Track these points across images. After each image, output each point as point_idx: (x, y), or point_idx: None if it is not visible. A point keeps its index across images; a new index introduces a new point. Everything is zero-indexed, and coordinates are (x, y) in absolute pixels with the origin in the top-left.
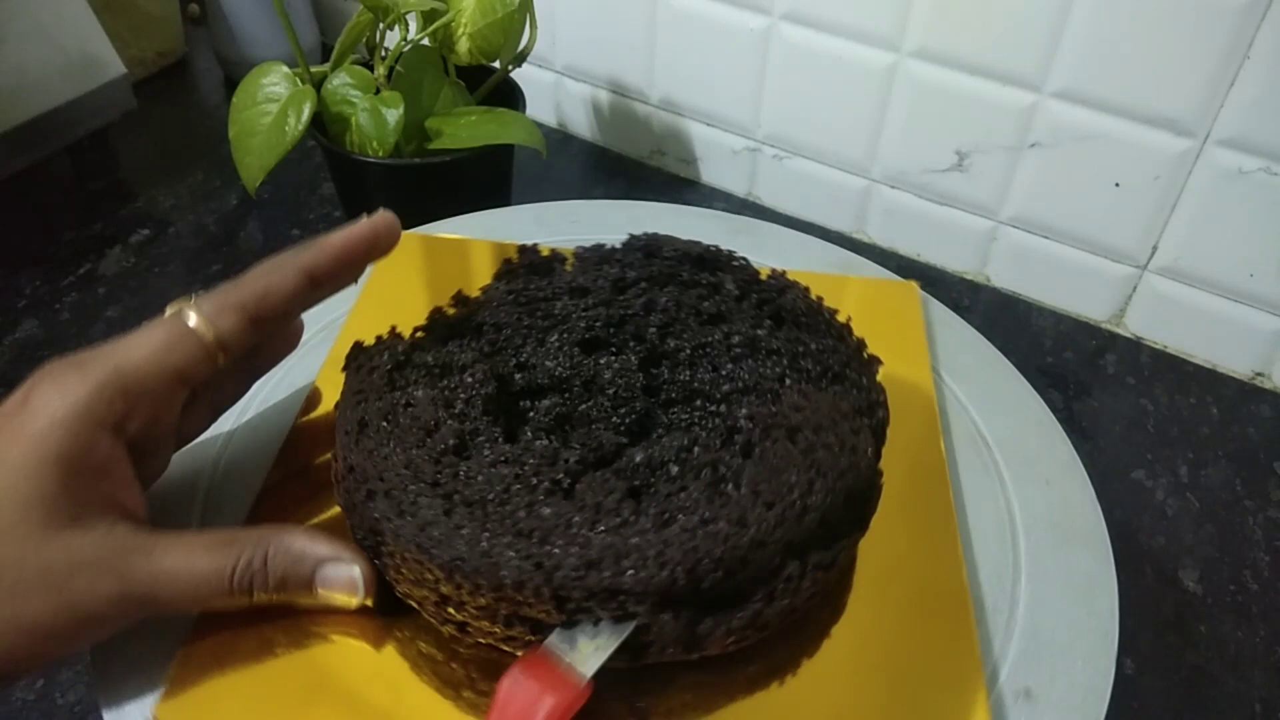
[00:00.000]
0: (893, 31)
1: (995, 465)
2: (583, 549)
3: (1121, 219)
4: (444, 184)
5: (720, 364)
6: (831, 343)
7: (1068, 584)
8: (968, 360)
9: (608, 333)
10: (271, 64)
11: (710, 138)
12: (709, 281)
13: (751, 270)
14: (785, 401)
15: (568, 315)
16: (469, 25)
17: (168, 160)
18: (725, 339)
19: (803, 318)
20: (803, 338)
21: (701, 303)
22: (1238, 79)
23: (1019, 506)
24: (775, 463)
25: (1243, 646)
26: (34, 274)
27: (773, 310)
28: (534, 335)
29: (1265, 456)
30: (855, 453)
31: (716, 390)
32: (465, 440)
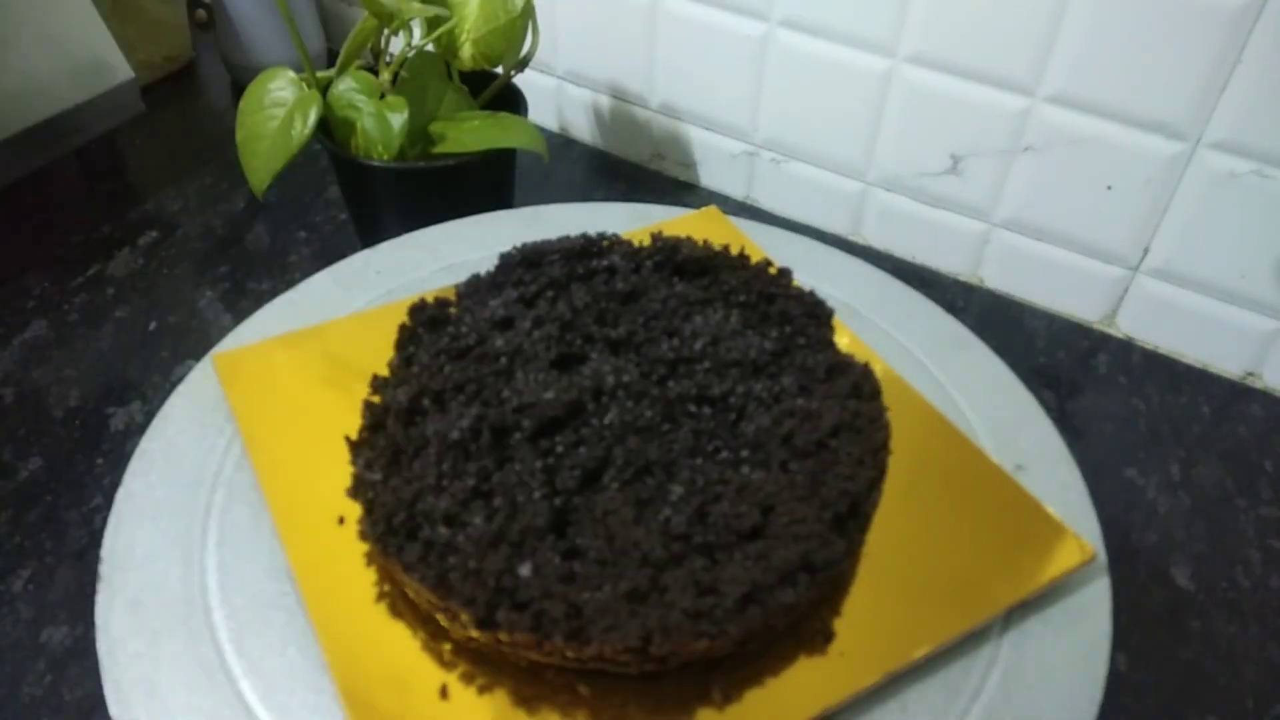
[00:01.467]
0: (888, 37)
1: (866, 317)
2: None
3: (1114, 221)
4: (448, 187)
5: (679, 328)
6: (745, 273)
7: (981, 380)
8: (793, 250)
9: (569, 344)
10: (278, 69)
11: (709, 142)
12: (604, 266)
13: (629, 243)
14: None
15: (515, 347)
16: (472, 31)
17: (175, 163)
18: (664, 305)
19: (707, 262)
20: (720, 278)
21: (614, 287)
22: (1230, 83)
23: (908, 341)
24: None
25: (1234, 643)
26: (43, 275)
27: (673, 268)
28: (501, 379)
29: (1256, 455)
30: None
31: (691, 351)
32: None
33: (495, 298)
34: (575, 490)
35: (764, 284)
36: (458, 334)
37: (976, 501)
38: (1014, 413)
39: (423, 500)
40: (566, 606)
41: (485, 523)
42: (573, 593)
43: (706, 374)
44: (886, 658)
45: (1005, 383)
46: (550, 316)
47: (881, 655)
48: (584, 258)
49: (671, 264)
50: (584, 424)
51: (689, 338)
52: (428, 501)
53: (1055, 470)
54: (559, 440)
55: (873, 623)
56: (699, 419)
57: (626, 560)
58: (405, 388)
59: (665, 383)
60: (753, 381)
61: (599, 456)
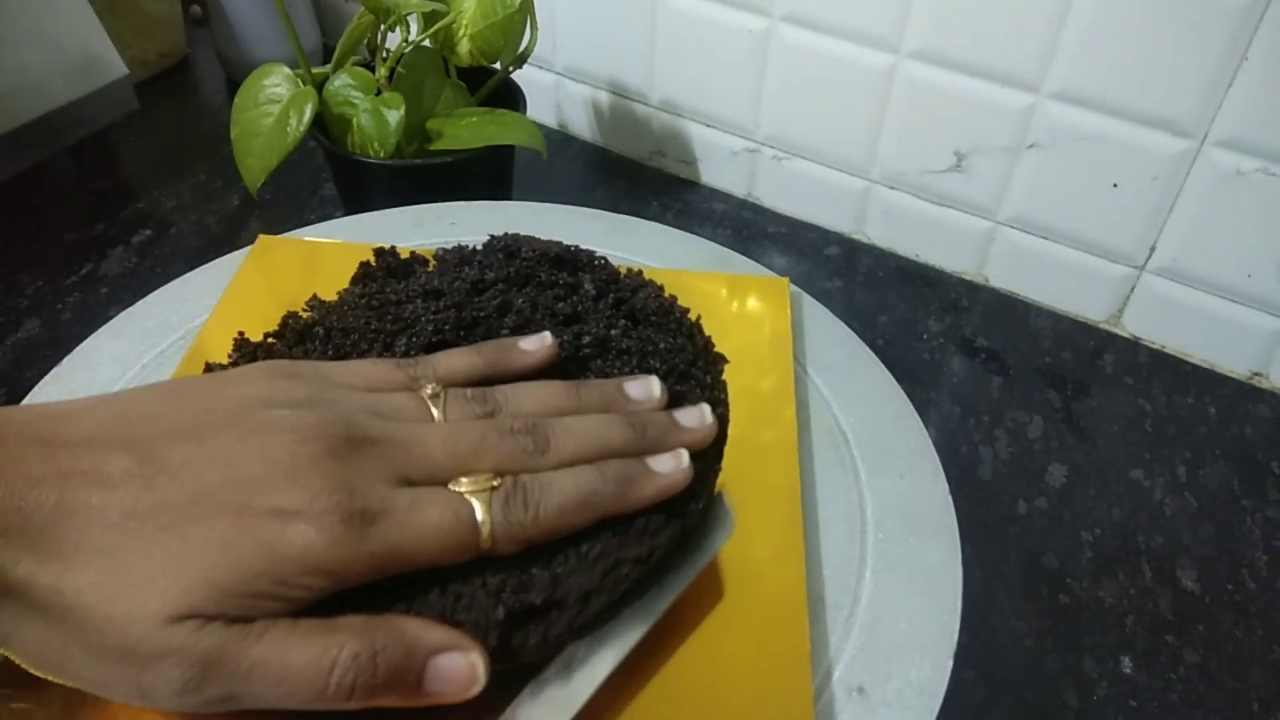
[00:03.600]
0: (892, 33)
1: (852, 459)
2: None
3: (1119, 219)
4: (445, 185)
5: (567, 367)
6: (680, 341)
7: (912, 577)
8: (834, 355)
9: (457, 335)
10: (273, 65)
11: (710, 139)
12: (567, 282)
13: (611, 269)
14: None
15: (417, 318)
16: (470, 27)
17: (170, 161)
18: (576, 339)
19: (654, 316)
20: (653, 336)
21: (558, 303)
22: (1236, 80)
23: (871, 499)
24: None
25: (1241, 646)
26: (36, 274)
27: (628, 310)
28: (381, 339)
29: (1263, 456)
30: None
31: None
32: None
33: (459, 272)
34: None
35: (687, 362)
36: (391, 289)
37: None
38: (880, 411)
39: None
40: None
41: None
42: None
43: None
44: None
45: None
46: (476, 307)
47: None
48: (556, 266)
49: (628, 304)
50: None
51: (569, 378)
52: None
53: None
54: None
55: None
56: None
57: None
58: (314, 313)
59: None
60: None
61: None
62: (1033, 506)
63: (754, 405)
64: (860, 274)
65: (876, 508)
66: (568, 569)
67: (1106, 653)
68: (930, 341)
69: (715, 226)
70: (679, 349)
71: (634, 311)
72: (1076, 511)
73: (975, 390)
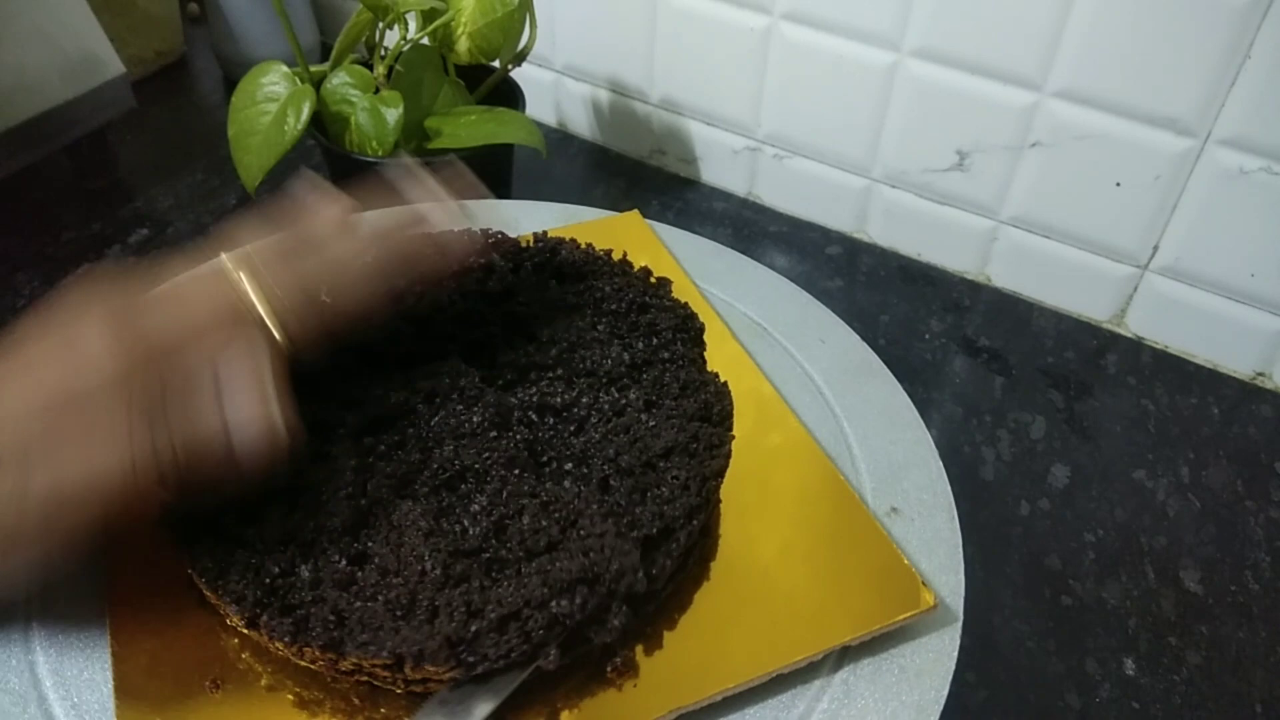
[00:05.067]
0: (893, 31)
1: (774, 337)
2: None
3: (1122, 219)
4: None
5: (538, 333)
6: (620, 280)
7: (878, 414)
8: (715, 264)
9: (423, 343)
10: (271, 63)
11: (710, 137)
12: (479, 263)
13: (513, 242)
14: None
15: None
16: (468, 25)
17: (167, 160)
18: (530, 308)
19: (585, 266)
20: (594, 284)
21: (485, 286)
22: (1239, 78)
23: (811, 366)
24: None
25: (1244, 647)
26: (33, 274)
27: (553, 270)
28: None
29: (1266, 456)
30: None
31: (546, 358)
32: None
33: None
34: (384, 494)
35: (638, 293)
36: None
37: (829, 539)
38: (904, 452)
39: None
40: (330, 614)
41: (281, 520)
42: (343, 600)
43: (554, 382)
44: (679, 693)
45: (904, 420)
46: (412, 313)
47: (676, 690)
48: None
49: (551, 266)
50: (410, 425)
51: (545, 344)
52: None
53: (932, 518)
54: (382, 439)
55: (682, 657)
56: (536, 428)
57: (409, 572)
58: None
59: (511, 389)
60: (600, 393)
61: (414, 460)
62: (1035, 507)
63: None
64: (862, 273)
65: (818, 369)
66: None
67: (1109, 654)
68: (932, 341)
69: (716, 225)
70: (626, 285)
71: (560, 269)
72: (1079, 512)
73: (977, 390)
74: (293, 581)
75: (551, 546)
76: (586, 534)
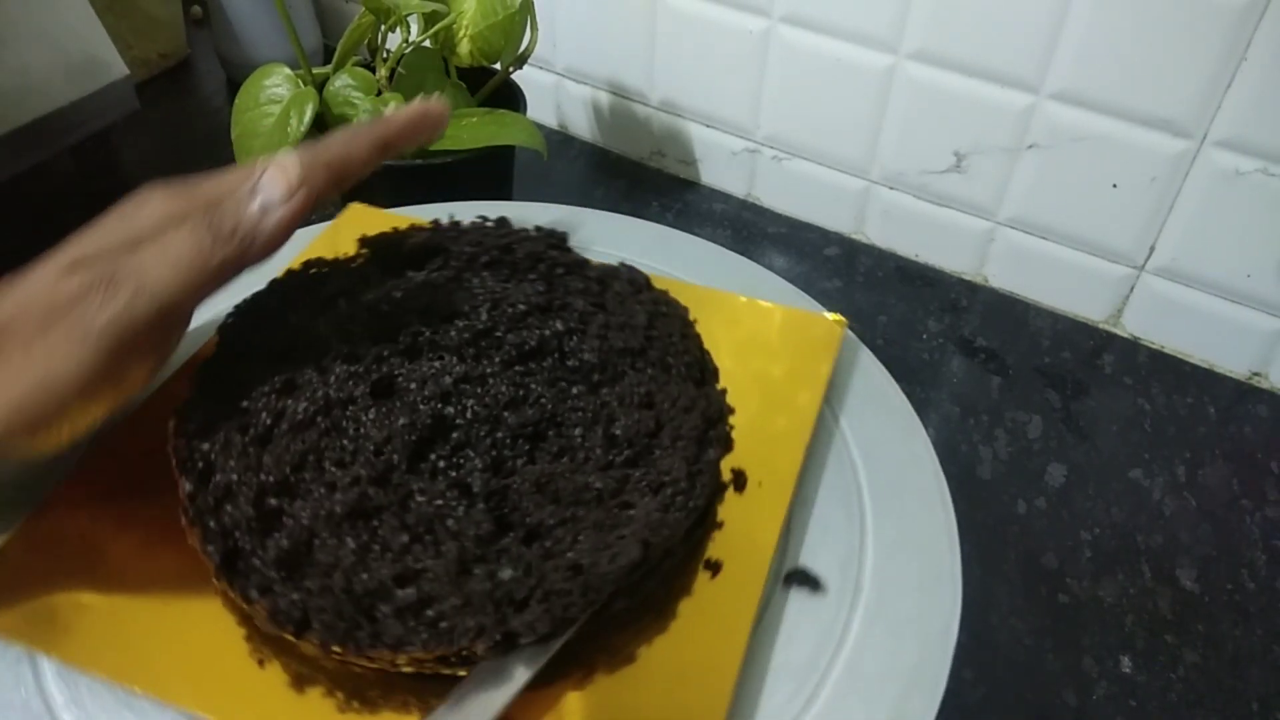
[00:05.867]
0: (891, 33)
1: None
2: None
3: (1119, 220)
4: (445, 185)
5: (456, 309)
6: (474, 236)
7: (875, 414)
8: (713, 265)
9: (379, 371)
10: (274, 65)
11: (710, 139)
12: (320, 274)
13: (342, 260)
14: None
15: (325, 392)
16: (470, 27)
17: (170, 161)
18: (416, 297)
19: (433, 245)
20: (451, 251)
21: (357, 301)
22: (1235, 80)
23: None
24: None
25: (1240, 645)
26: None
27: (402, 261)
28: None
29: (1262, 456)
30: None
31: (494, 324)
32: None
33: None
34: (494, 487)
35: (495, 239)
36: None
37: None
38: (901, 452)
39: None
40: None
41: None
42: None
43: (516, 332)
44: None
45: (902, 420)
46: (330, 351)
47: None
48: (298, 282)
49: (399, 258)
50: (452, 428)
51: (470, 314)
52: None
53: (929, 517)
54: (437, 455)
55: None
56: (534, 374)
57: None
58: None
59: (488, 358)
60: (544, 321)
61: (490, 446)
62: (1032, 506)
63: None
64: (860, 274)
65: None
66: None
67: (1106, 652)
68: (930, 341)
69: (715, 227)
70: (478, 240)
71: (407, 259)
72: (1076, 511)
73: (975, 390)
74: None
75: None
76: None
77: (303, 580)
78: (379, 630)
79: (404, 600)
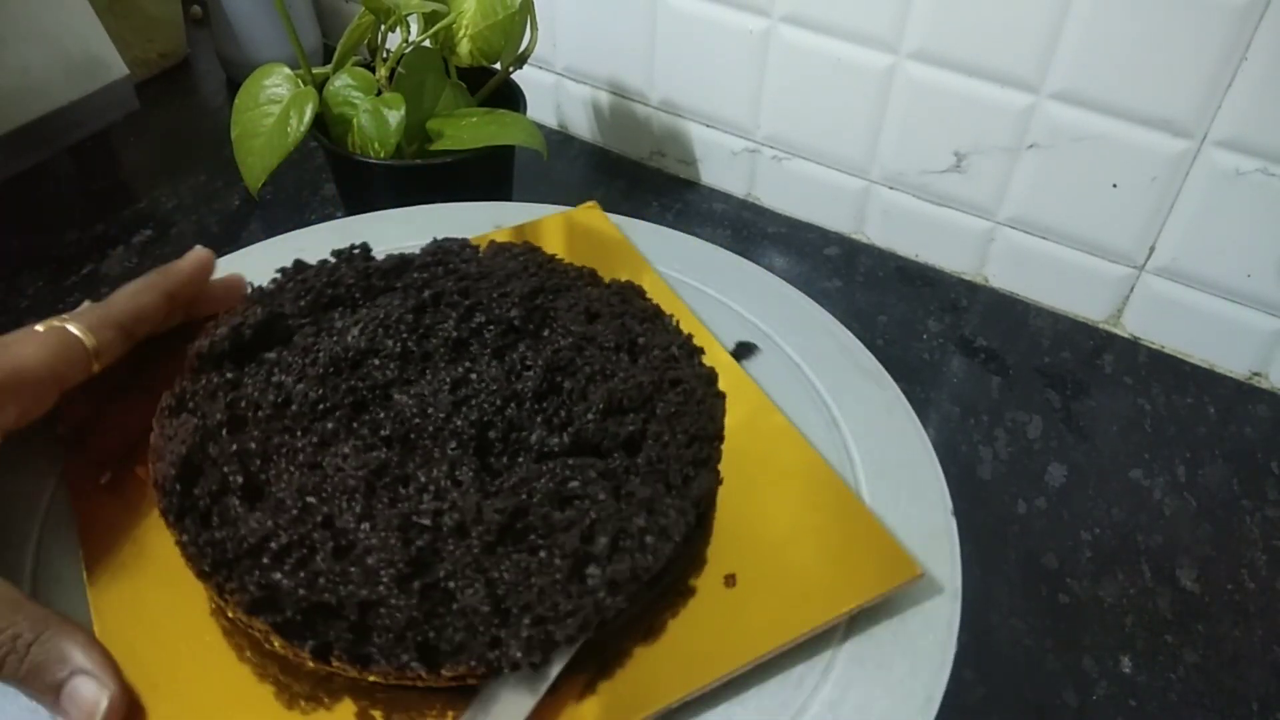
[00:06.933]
0: (891, 33)
1: (772, 339)
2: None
3: (1119, 220)
4: (445, 185)
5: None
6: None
7: (875, 415)
8: (712, 265)
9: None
10: (273, 65)
11: (710, 139)
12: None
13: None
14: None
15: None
16: (470, 27)
17: (170, 161)
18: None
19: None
20: (412, 276)
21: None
22: (1235, 80)
23: (808, 368)
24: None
25: (1240, 645)
26: (36, 275)
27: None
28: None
29: (1262, 456)
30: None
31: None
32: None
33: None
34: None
35: (434, 261)
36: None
37: (818, 521)
38: (901, 452)
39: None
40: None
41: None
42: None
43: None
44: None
45: (902, 420)
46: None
47: (712, 659)
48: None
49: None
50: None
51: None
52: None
53: (929, 517)
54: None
55: (710, 624)
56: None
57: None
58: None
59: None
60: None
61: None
62: (1032, 506)
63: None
64: (860, 274)
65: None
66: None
67: (1106, 652)
68: (930, 341)
69: (715, 226)
70: (424, 268)
71: (383, 273)
72: (1076, 511)
73: (975, 390)
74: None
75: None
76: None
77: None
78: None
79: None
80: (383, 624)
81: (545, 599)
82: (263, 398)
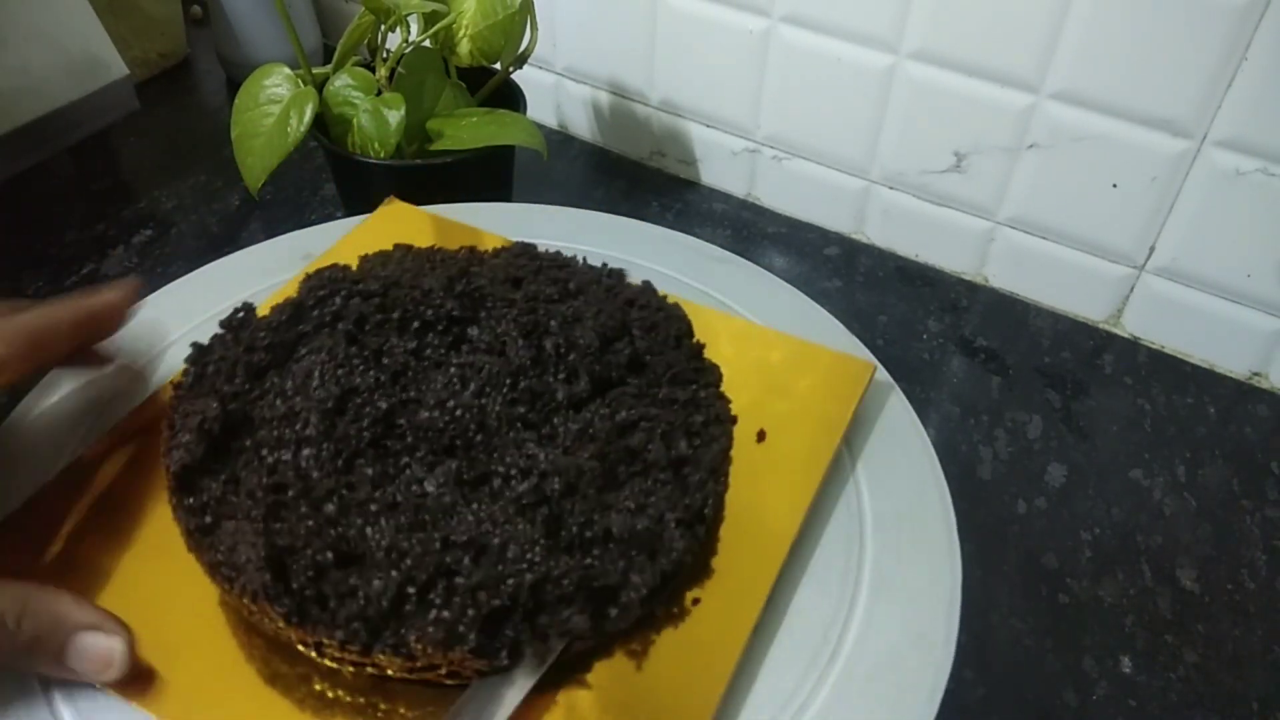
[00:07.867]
0: (891, 33)
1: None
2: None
3: (1119, 220)
4: (445, 185)
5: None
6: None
7: (875, 415)
8: (711, 265)
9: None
10: (273, 65)
11: (710, 139)
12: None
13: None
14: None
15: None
16: (470, 27)
17: (170, 161)
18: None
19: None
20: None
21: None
22: (1235, 80)
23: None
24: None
25: (1240, 645)
26: (37, 275)
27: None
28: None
29: (1262, 456)
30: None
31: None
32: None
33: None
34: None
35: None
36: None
37: (783, 367)
38: (901, 452)
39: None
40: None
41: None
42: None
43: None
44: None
45: (901, 420)
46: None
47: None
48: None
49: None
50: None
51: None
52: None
53: (929, 517)
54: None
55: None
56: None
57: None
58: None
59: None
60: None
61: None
62: (1032, 506)
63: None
64: (860, 274)
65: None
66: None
67: (1106, 652)
68: (930, 341)
69: (715, 226)
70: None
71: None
72: (1076, 511)
73: (975, 390)
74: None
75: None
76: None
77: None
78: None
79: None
80: (555, 594)
81: (673, 503)
82: (281, 477)
